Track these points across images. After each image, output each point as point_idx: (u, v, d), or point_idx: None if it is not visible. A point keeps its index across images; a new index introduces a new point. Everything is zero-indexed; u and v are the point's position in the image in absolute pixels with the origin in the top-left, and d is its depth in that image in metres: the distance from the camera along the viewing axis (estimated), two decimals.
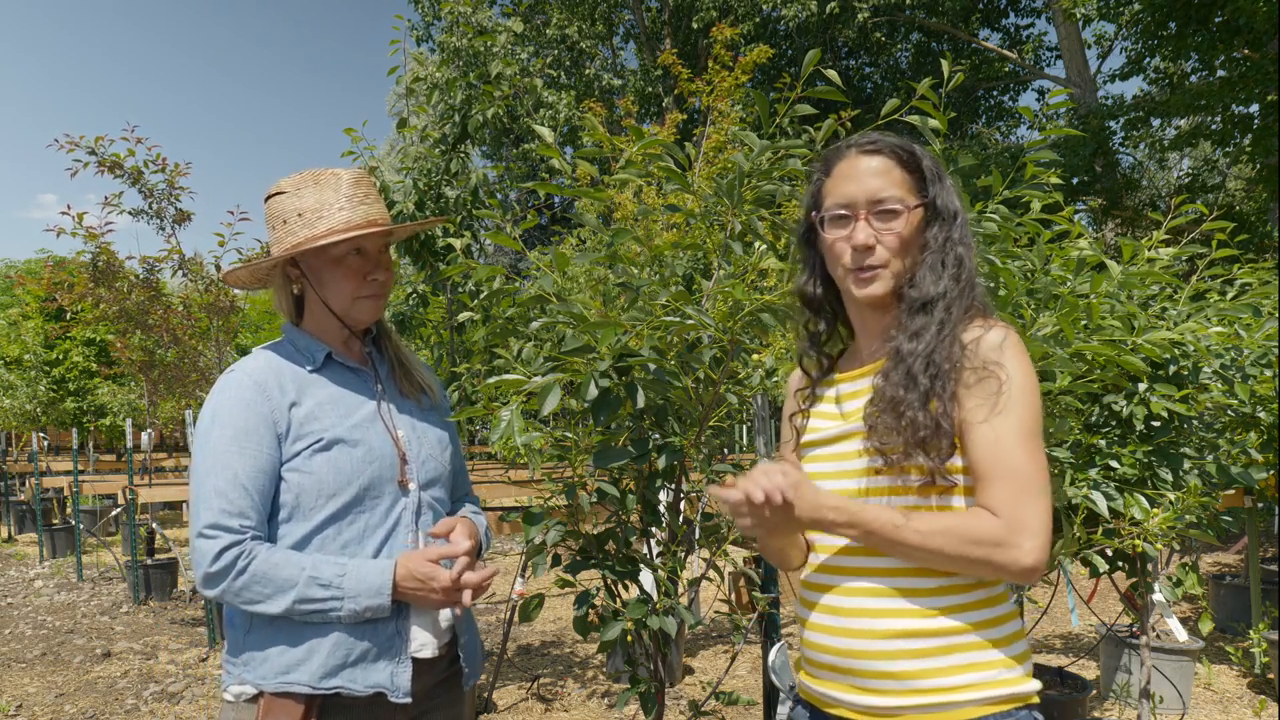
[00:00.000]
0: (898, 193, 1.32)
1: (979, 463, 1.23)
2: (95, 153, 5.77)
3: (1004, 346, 1.25)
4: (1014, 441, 1.22)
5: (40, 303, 16.07)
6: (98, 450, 19.40)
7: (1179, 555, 5.88)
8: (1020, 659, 1.27)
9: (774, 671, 2.34)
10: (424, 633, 1.57)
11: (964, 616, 1.25)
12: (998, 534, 1.19)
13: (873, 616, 1.28)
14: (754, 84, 15.40)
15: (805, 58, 1.76)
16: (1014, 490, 1.20)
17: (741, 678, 5.06)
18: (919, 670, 1.24)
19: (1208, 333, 2.63)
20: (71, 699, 4.88)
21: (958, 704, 1.23)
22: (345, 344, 1.66)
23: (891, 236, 1.32)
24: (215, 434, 1.51)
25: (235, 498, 1.47)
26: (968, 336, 1.27)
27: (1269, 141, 10.75)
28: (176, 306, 6.53)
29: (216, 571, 1.45)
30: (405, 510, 1.59)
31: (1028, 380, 1.24)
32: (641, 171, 1.89)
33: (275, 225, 1.61)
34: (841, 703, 1.31)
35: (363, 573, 1.48)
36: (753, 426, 2.85)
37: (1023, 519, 1.19)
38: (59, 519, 12.32)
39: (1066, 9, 12.32)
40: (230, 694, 1.53)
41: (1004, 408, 1.22)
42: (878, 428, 1.27)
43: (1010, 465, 1.21)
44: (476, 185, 4.71)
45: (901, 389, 1.26)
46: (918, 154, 1.35)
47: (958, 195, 1.38)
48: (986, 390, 1.23)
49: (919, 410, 1.24)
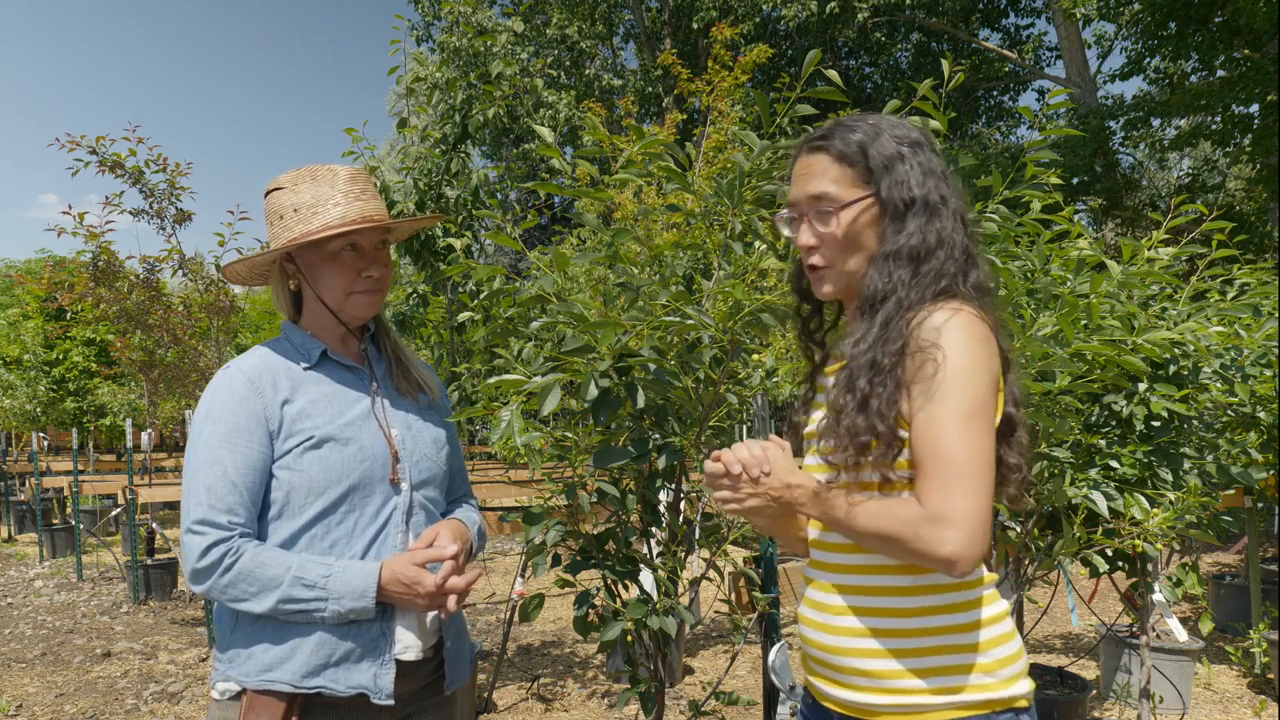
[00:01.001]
0: (833, 190, 1.28)
1: (915, 451, 1.19)
2: (96, 152, 5.77)
3: (944, 328, 1.18)
4: (948, 426, 1.15)
5: (40, 303, 16.05)
6: (98, 450, 19.40)
7: (1179, 555, 5.88)
8: (1003, 662, 1.24)
9: (774, 671, 2.35)
10: (409, 635, 1.56)
11: (940, 618, 1.24)
12: (915, 519, 1.15)
13: (851, 614, 1.28)
14: (754, 84, 15.40)
15: (806, 58, 1.76)
16: (941, 477, 1.14)
17: (741, 678, 5.07)
18: (892, 670, 1.23)
19: (1208, 333, 2.63)
20: (71, 699, 4.88)
21: (930, 706, 1.22)
22: (342, 341, 1.66)
23: (829, 235, 1.30)
24: (207, 430, 1.51)
25: (224, 494, 1.47)
26: (914, 321, 1.21)
27: (1269, 141, 10.75)
28: (177, 306, 6.53)
29: (203, 568, 1.45)
30: (396, 510, 1.58)
31: (967, 359, 1.17)
32: (641, 171, 1.89)
33: (272, 220, 1.61)
34: (829, 697, 1.33)
35: (348, 575, 1.48)
36: (753, 426, 2.85)
37: (942, 509, 1.13)
38: (59, 519, 12.32)
39: (1066, 9, 12.33)
40: (217, 691, 1.53)
41: (940, 392, 1.16)
42: (826, 435, 1.25)
43: (940, 453, 1.15)
44: (478, 185, 4.72)
45: (842, 396, 1.23)
46: (865, 144, 1.28)
47: (935, 176, 1.29)
48: (924, 375, 1.18)
49: (856, 415, 1.20)
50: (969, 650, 1.23)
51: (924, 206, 1.27)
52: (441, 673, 1.66)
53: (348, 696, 1.50)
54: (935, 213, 1.27)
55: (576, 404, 1.88)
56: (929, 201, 1.27)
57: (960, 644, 1.24)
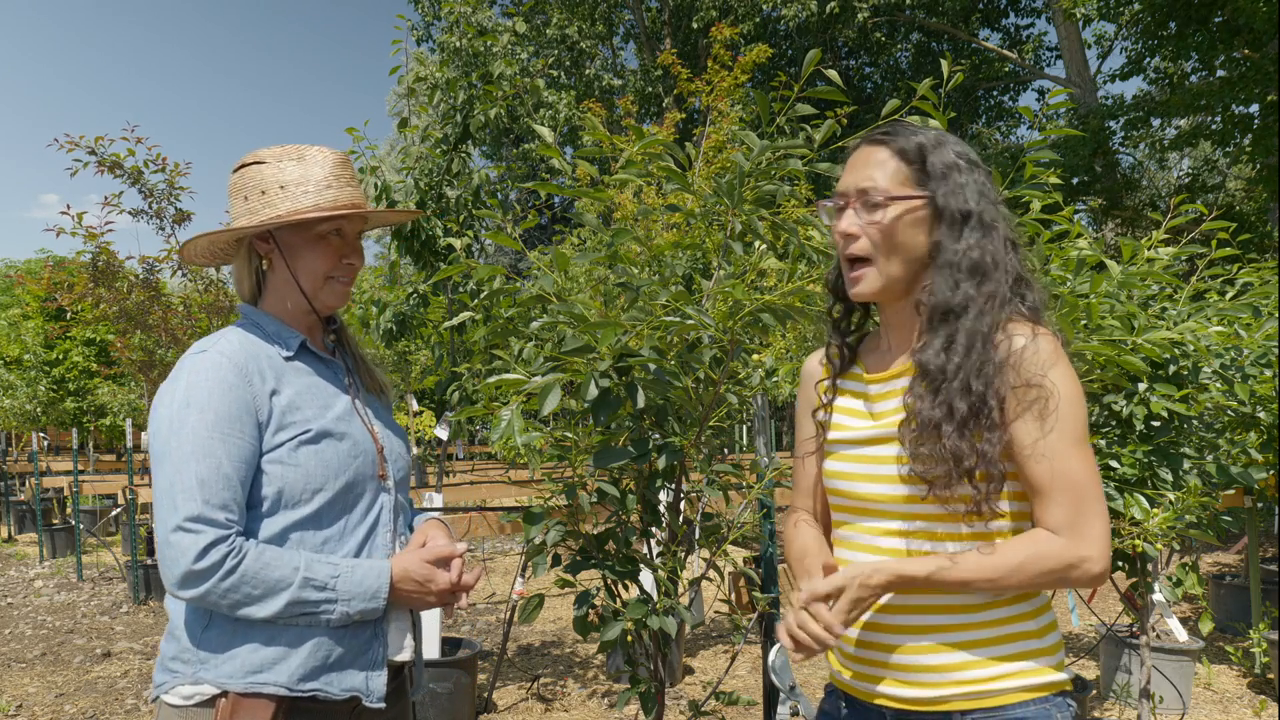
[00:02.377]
0: (886, 184, 1.29)
1: (1035, 480, 1.23)
2: (95, 153, 5.77)
3: (1049, 358, 1.22)
4: (1067, 454, 1.21)
5: (40, 303, 16.07)
6: (98, 450, 19.40)
7: (1179, 555, 5.88)
8: (1056, 649, 1.30)
9: (774, 671, 2.34)
10: (402, 635, 1.52)
11: (1005, 610, 1.28)
12: (1066, 558, 1.20)
13: (910, 613, 1.29)
14: (753, 84, 15.39)
15: (806, 58, 1.76)
16: (1073, 505, 1.21)
17: (741, 678, 5.07)
18: (961, 663, 1.26)
19: (1208, 333, 2.63)
20: (71, 699, 4.88)
21: (1000, 691, 1.25)
22: (311, 332, 1.59)
23: (873, 227, 1.29)
24: (193, 418, 1.38)
25: (219, 488, 1.35)
26: (1011, 347, 1.23)
27: (1269, 141, 10.75)
28: (176, 306, 6.52)
29: (201, 570, 1.32)
30: (385, 509, 1.55)
31: (1074, 389, 1.23)
32: (641, 171, 1.89)
33: (249, 195, 1.52)
34: (883, 695, 1.33)
35: (357, 575, 1.42)
36: (753, 426, 2.85)
37: (1085, 533, 1.20)
38: (59, 519, 12.32)
39: (1066, 9, 12.33)
40: (177, 696, 1.41)
41: (1058, 422, 1.21)
42: (920, 455, 1.24)
43: (1067, 480, 1.21)
44: (479, 185, 4.72)
45: (938, 413, 1.23)
46: (926, 148, 1.30)
47: (989, 199, 1.31)
48: (1036, 408, 1.22)
49: (960, 440, 1.21)
50: (1031, 637, 1.28)
51: (979, 222, 1.29)
52: (401, 678, 1.62)
53: (340, 699, 1.45)
54: (989, 232, 1.29)
55: (576, 404, 1.88)
56: (984, 219, 1.29)
57: (1024, 631, 1.28)
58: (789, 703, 2.53)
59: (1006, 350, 1.23)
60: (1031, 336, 1.24)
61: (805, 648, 1.23)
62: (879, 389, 1.38)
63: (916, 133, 1.32)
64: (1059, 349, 1.24)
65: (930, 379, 1.25)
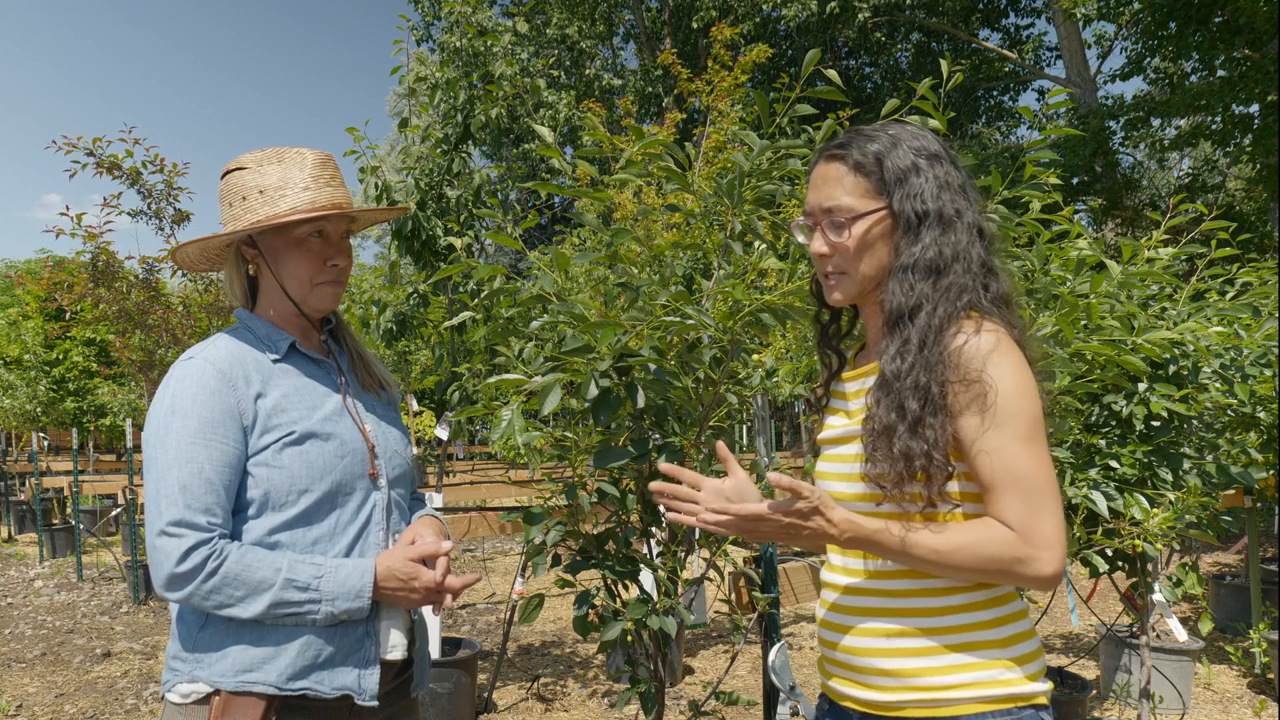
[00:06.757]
0: (847, 201, 1.29)
1: (981, 477, 1.21)
2: (93, 154, 5.77)
3: (990, 355, 1.20)
4: (1015, 450, 1.19)
5: (40, 303, 16.07)
6: (98, 450, 19.40)
7: (1179, 555, 5.88)
8: (1024, 659, 1.26)
9: (774, 671, 2.34)
10: (395, 634, 1.52)
11: (964, 617, 1.26)
12: (1014, 550, 1.18)
13: (874, 616, 1.30)
14: (754, 84, 15.41)
15: (805, 58, 1.76)
16: (1021, 503, 1.19)
17: (741, 678, 5.07)
18: (916, 669, 1.25)
19: (1208, 333, 2.63)
20: (71, 699, 4.88)
21: (956, 700, 1.24)
22: (303, 334, 1.60)
23: (841, 245, 1.31)
24: (177, 425, 1.41)
25: (201, 493, 1.38)
26: (954, 345, 1.22)
27: (1269, 141, 10.76)
28: (176, 306, 6.53)
29: (184, 572, 1.35)
30: (376, 507, 1.54)
31: (1018, 384, 1.20)
32: (641, 171, 1.89)
33: (233, 201, 1.53)
34: (848, 697, 1.34)
35: (341, 574, 1.42)
36: (753, 426, 2.85)
37: (1037, 530, 1.18)
38: (59, 519, 12.33)
39: (1066, 9, 12.33)
40: (177, 694, 1.43)
41: (998, 419, 1.19)
42: (874, 458, 1.25)
43: (1010, 476, 1.19)
44: (479, 185, 4.72)
45: (892, 415, 1.23)
46: (882, 155, 1.29)
47: (951, 190, 1.30)
48: (977, 404, 1.20)
49: (910, 439, 1.21)
50: (992, 646, 1.25)
51: (938, 219, 1.28)
52: (406, 675, 1.62)
53: (331, 698, 1.45)
54: (950, 226, 1.28)
55: (576, 404, 1.88)
56: (943, 215, 1.28)
57: (984, 640, 1.25)
58: (789, 703, 2.53)
59: (953, 345, 1.23)
60: (974, 332, 1.22)
61: (675, 501, 1.27)
62: (854, 387, 1.40)
63: (872, 139, 1.31)
64: (1004, 344, 1.22)
65: (885, 385, 1.26)
